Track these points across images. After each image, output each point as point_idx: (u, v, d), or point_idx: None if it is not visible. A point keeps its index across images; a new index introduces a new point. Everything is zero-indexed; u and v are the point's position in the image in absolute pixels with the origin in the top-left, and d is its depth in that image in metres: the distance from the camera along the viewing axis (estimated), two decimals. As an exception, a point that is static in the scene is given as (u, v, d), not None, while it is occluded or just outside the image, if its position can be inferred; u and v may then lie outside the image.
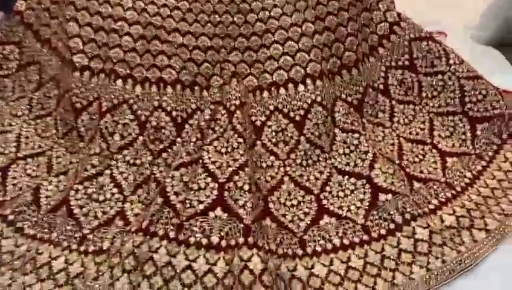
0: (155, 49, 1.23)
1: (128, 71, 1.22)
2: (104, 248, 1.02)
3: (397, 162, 1.20)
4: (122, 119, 1.21)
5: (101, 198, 1.12)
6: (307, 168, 1.18)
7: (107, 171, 1.16)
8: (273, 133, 1.20)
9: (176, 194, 1.07)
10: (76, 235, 1.06)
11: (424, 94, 1.32)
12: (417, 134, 1.28)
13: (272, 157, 1.19)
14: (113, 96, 1.22)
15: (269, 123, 1.21)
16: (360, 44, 1.31)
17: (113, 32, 1.23)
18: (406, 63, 1.32)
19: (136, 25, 1.23)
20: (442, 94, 1.30)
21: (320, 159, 1.19)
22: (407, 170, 1.19)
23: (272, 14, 1.25)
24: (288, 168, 1.17)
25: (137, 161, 1.19)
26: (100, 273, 0.95)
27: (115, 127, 1.19)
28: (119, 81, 1.22)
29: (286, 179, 1.16)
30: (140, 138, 1.21)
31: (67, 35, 1.24)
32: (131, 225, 1.05)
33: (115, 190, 1.14)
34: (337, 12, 1.27)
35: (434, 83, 1.31)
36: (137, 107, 1.23)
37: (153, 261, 0.96)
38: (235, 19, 1.24)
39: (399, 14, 1.32)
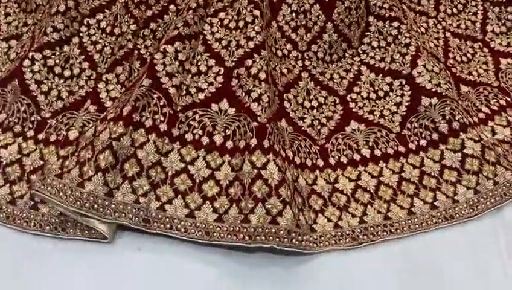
0: None
1: None
2: (71, 138, 0.96)
3: (442, 60, 1.17)
4: None
5: (67, 73, 1.04)
6: (330, 64, 1.14)
7: (75, 40, 1.07)
8: (293, 14, 1.13)
9: (169, 75, 0.97)
10: (32, 119, 1.00)
11: None
12: (466, 28, 1.25)
13: (289, 46, 1.13)
14: None
15: (289, 0, 1.13)
16: None
17: None
18: None
19: None
20: None
21: (347, 55, 1.15)
22: (453, 70, 1.15)
23: None
24: (307, 62, 1.13)
25: (116, 30, 1.09)
26: (65, 169, 0.87)
27: None
28: None
29: (305, 75, 1.11)
30: None
31: None
32: (107, 111, 0.97)
33: (85, 65, 1.06)
34: None
35: None
36: None
37: (137, 159, 0.89)
38: None
39: None
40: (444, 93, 1.03)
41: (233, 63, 1.00)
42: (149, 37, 1.08)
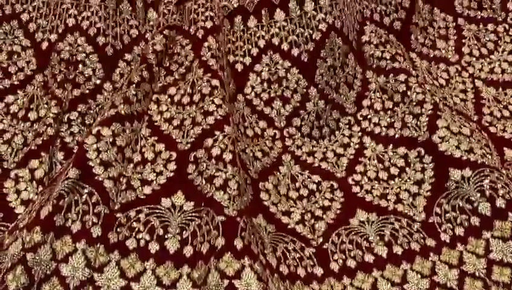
0: None
1: None
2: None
3: (475, 118, 1.18)
4: (10, 43, 1.18)
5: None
6: (321, 141, 1.15)
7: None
8: (264, 84, 1.16)
9: (104, 164, 0.97)
10: None
11: (510, 5, 1.31)
12: (503, 72, 1.25)
13: (263, 123, 1.15)
14: None
15: (257, 67, 1.17)
16: None
17: None
18: None
19: None
20: None
21: (341, 124, 1.16)
22: (492, 129, 1.16)
23: None
24: (289, 142, 1.14)
25: (32, 114, 1.12)
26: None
27: None
28: None
29: (286, 157, 1.12)
30: (39, 76, 1.16)
31: None
32: (18, 219, 0.98)
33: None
34: None
35: None
36: (35, 25, 1.19)
37: (60, 278, 0.88)
38: None
39: None
40: (479, 162, 1.02)
41: (189, 145, 1.00)
42: (76, 122, 1.10)
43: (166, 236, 0.94)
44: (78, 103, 1.13)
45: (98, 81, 1.15)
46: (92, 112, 1.13)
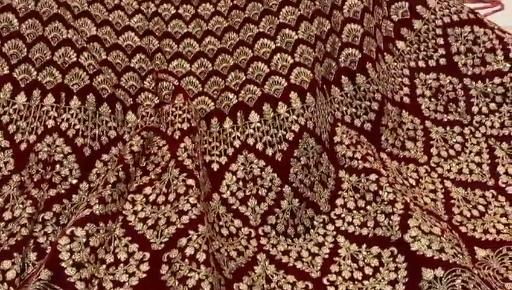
0: (54, 36, 1.22)
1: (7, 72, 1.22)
2: None
3: (445, 217, 1.17)
4: None
5: None
6: (296, 239, 1.15)
7: None
8: (240, 183, 1.17)
9: (76, 265, 0.97)
10: None
11: (475, 108, 1.32)
12: (471, 172, 1.25)
13: (238, 222, 1.14)
14: None
15: (233, 167, 1.18)
16: (370, 33, 1.31)
17: None
18: (442, 61, 1.34)
19: None
20: (503, 107, 1.31)
21: (316, 223, 1.16)
22: (462, 229, 1.15)
23: None
24: (264, 240, 1.13)
25: (7, 214, 1.10)
26: None
27: None
28: None
29: (261, 256, 1.10)
30: (16, 176, 1.15)
31: None
32: None
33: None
34: None
35: (489, 90, 1.31)
36: (15, 127, 1.19)
37: None
38: (180, 10, 1.28)
39: None
40: (451, 261, 1.00)
41: (163, 245, 1.00)
42: (51, 222, 1.09)
43: None
44: (53, 203, 1.11)
45: (74, 181, 1.15)
46: (66, 211, 1.12)
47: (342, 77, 1.27)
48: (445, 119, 1.31)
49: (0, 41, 1.20)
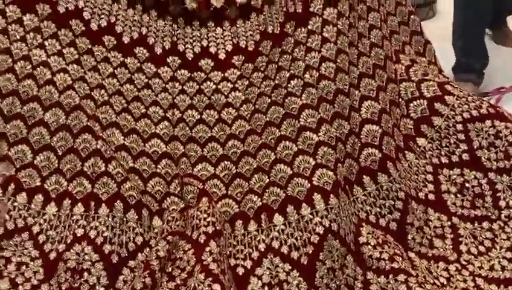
0: (84, 148, 1.24)
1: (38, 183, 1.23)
2: None
3: None
4: (19, 254, 1.18)
5: None
6: None
7: None
8: (266, 288, 1.16)
9: None
10: None
11: (502, 203, 1.31)
12: (503, 269, 1.23)
13: None
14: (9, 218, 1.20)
15: (258, 271, 1.17)
16: (388, 133, 1.32)
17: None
18: (465, 156, 1.34)
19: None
20: None
21: None
22: None
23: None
24: None
25: None
26: None
27: (3, 268, 1.15)
28: (22, 196, 1.22)
29: None
30: (45, 286, 1.15)
31: None
32: None
33: None
34: (348, 90, 1.31)
35: None
36: (45, 237, 1.19)
37: None
38: (204, 116, 1.28)
39: (442, 84, 1.36)
40: None
41: None
42: None
43: None
44: None
45: (101, 289, 1.15)
46: None
47: (364, 176, 1.28)
48: (473, 215, 1.31)
49: (32, 154, 1.22)
